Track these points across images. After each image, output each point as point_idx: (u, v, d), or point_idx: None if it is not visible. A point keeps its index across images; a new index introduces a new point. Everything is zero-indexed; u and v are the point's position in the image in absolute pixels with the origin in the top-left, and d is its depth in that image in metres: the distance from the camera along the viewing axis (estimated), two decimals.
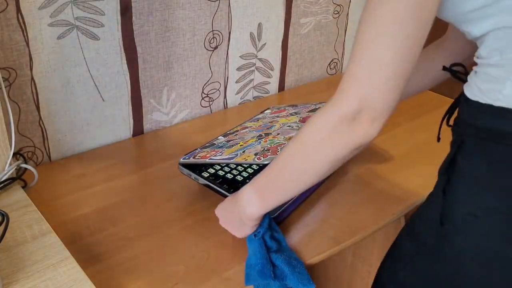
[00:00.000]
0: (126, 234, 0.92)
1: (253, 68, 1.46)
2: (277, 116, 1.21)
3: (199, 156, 1.04)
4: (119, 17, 1.12)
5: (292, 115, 1.20)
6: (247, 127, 1.18)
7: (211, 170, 1.01)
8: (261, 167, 0.95)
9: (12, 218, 0.82)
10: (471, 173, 0.69)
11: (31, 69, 1.04)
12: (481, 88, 0.68)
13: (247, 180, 0.93)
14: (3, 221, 0.78)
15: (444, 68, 0.90)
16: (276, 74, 1.54)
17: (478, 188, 0.69)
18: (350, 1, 1.62)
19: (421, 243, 0.78)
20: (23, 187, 0.94)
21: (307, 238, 0.94)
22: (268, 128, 1.13)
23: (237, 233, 0.88)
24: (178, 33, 1.24)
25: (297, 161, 0.72)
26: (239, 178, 1.00)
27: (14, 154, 0.92)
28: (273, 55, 1.50)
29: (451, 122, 0.78)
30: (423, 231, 0.78)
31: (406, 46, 0.62)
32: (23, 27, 1.00)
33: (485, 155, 0.67)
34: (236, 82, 1.44)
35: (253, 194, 0.80)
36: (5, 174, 0.90)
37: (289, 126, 1.11)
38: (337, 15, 1.61)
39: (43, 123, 1.11)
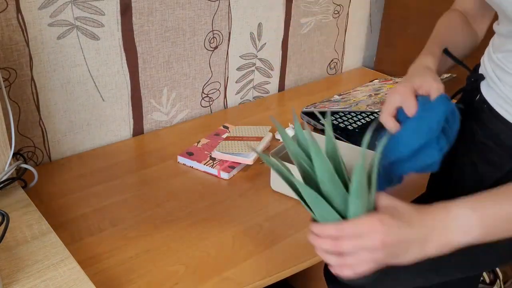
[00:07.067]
0: (126, 234, 0.92)
1: (253, 68, 1.46)
2: (385, 83, 1.44)
3: (319, 107, 1.28)
4: (119, 17, 1.12)
5: (397, 82, 1.34)
6: (358, 90, 1.41)
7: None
8: (367, 122, 1.21)
9: (12, 218, 0.82)
10: None
11: (31, 69, 1.04)
12: None
13: (357, 130, 1.19)
14: (3, 221, 0.78)
15: (447, 53, 0.86)
16: (276, 74, 1.54)
17: None
18: (350, 1, 1.62)
19: None
20: (23, 187, 0.94)
21: (307, 238, 0.94)
22: (377, 90, 1.35)
23: (383, 258, 0.62)
24: (178, 33, 1.24)
25: None
26: (350, 127, 1.20)
27: (14, 154, 0.92)
28: (273, 55, 1.50)
29: None
30: None
31: None
32: (23, 27, 1.00)
33: None
34: (236, 82, 1.44)
35: (474, 220, 0.62)
36: (5, 174, 0.90)
37: None
38: (337, 15, 1.61)
39: (43, 123, 1.11)
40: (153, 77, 1.24)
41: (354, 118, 1.27)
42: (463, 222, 0.62)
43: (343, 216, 0.62)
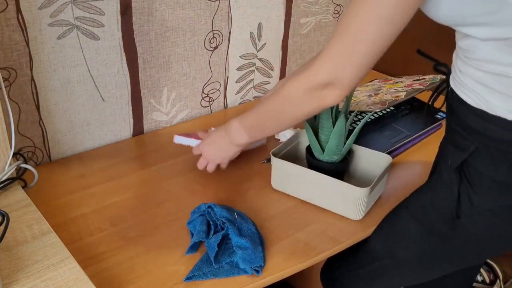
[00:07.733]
0: (126, 234, 0.92)
1: (253, 68, 1.46)
2: (384, 83, 1.43)
3: None
4: (119, 17, 1.12)
5: (397, 82, 1.40)
6: (358, 90, 1.43)
7: None
8: (367, 122, 1.22)
9: (12, 218, 0.82)
10: (491, 177, 0.77)
11: (31, 69, 1.04)
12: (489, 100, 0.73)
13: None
14: (3, 221, 0.78)
15: (420, 53, 0.96)
16: (276, 74, 1.54)
17: (498, 190, 0.78)
18: (350, 1, 1.62)
19: (431, 229, 0.86)
20: (23, 187, 0.94)
21: (307, 238, 0.94)
22: (377, 90, 1.35)
23: (222, 155, 1.04)
24: (178, 33, 1.24)
25: (278, 110, 0.89)
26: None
27: (14, 154, 0.92)
28: (273, 55, 1.50)
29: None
30: (435, 220, 0.85)
31: (383, 33, 0.73)
32: (23, 27, 1.00)
33: (506, 162, 0.75)
34: (236, 82, 1.44)
35: (240, 128, 0.97)
36: (5, 174, 0.90)
37: (395, 89, 1.32)
38: (337, 15, 1.61)
39: (43, 123, 1.11)
40: (153, 77, 1.24)
41: (354, 118, 1.27)
42: (236, 130, 0.97)
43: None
